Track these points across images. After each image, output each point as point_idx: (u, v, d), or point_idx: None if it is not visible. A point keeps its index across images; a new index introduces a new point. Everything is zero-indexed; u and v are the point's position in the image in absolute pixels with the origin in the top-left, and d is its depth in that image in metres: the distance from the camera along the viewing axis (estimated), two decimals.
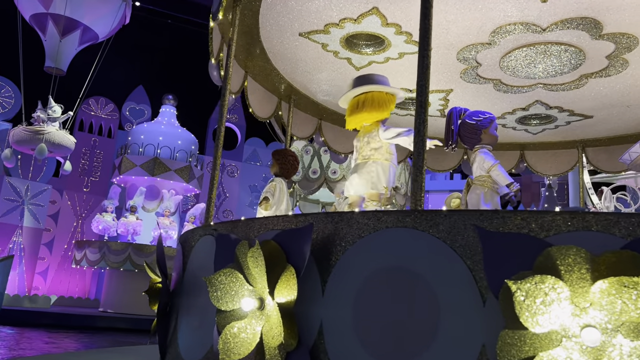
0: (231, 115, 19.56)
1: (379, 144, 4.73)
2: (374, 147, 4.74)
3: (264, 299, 2.58)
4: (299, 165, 5.74)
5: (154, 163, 14.56)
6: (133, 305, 13.58)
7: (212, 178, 4.37)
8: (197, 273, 3.27)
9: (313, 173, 9.21)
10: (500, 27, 4.76)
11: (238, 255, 2.73)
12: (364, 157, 4.78)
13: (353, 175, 4.80)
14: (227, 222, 3.08)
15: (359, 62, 5.62)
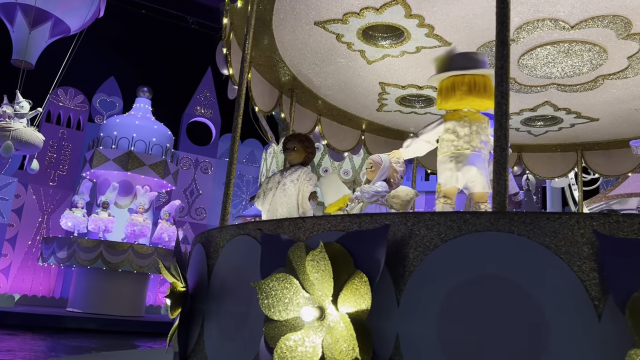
0: (206, 110, 19.10)
1: (486, 138, 4.36)
2: (484, 140, 4.35)
3: (325, 309, 2.31)
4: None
5: (128, 157, 14.01)
6: (104, 305, 13.07)
7: (229, 173, 4.05)
8: (229, 277, 2.97)
9: None
10: (528, 22, 4.59)
11: (291, 259, 2.44)
12: (474, 147, 4.30)
13: (469, 168, 4.25)
14: (270, 221, 2.78)
15: (373, 55, 5.38)
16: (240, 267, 2.88)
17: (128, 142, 14.31)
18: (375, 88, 6.15)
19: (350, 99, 6.51)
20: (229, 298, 2.92)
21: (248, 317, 2.71)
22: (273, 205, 4.55)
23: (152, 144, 14.55)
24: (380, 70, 5.70)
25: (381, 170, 5.04)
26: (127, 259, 12.89)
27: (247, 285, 2.74)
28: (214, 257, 3.20)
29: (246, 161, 19.39)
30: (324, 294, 2.31)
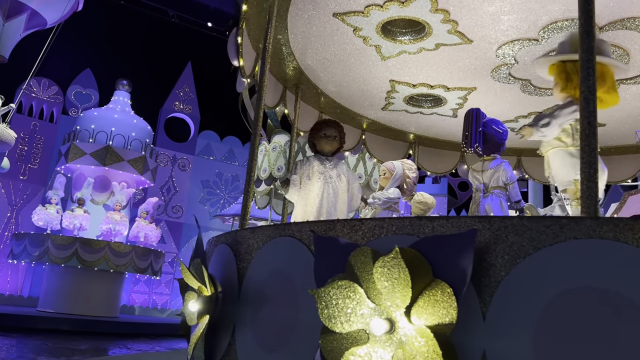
0: (185, 106, 18.63)
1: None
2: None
3: (394, 321, 2.08)
4: None
5: (105, 152, 13.49)
6: (78, 305, 12.54)
7: (249, 169, 3.79)
8: (268, 281, 2.71)
9: None
10: (556, 22, 4.45)
11: (353, 265, 2.21)
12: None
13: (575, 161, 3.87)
14: (321, 221, 2.54)
15: (389, 51, 5.17)
16: (283, 271, 2.63)
17: (106, 136, 13.79)
18: (384, 86, 5.96)
19: (356, 97, 6.30)
20: (269, 304, 2.66)
21: (295, 327, 2.47)
22: (325, 197, 4.26)
23: (131, 139, 14.06)
24: (393, 67, 5.51)
25: (394, 177, 5.04)
26: (104, 257, 12.39)
27: (294, 291, 2.51)
28: (245, 260, 2.94)
29: (225, 159, 19.00)
30: (394, 304, 2.08)
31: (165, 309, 16.99)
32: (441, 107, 6.31)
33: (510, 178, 4.71)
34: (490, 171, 4.70)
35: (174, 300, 17.32)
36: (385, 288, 2.10)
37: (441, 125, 6.90)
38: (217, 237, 3.48)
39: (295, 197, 4.43)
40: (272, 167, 8.85)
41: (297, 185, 4.41)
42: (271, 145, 9.05)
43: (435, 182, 18.82)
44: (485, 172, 4.76)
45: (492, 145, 4.61)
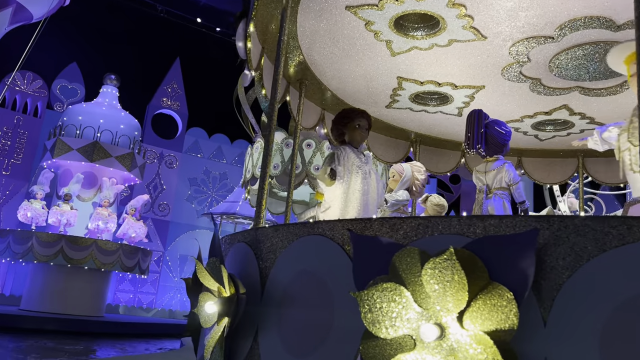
0: (172, 103, 18.35)
1: None
2: None
3: (444, 327, 1.95)
4: None
5: (93, 147, 13.19)
6: (63, 304, 12.23)
7: (264, 165, 3.64)
8: (297, 282, 2.56)
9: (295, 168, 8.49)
10: (575, 19, 4.36)
11: (398, 266, 2.08)
12: None
13: None
14: (356, 220, 2.40)
15: (399, 46, 5.05)
16: (314, 271, 2.48)
17: (94, 131, 13.49)
18: (391, 83, 5.84)
19: (361, 94, 6.17)
20: (298, 307, 2.52)
21: (330, 330, 2.33)
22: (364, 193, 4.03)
23: (119, 135, 13.77)
24: (402, 63, 5.39)
25: (403, 179, 5.06)
26: (91, 255, 12.10)
27: (328, 293, 2.37)
28: (268, 259, 2.79)
29: (213, 157, 18.75)
30: (445, 308, 1.95)
31: (151, 308, 16.70)
32: (447, 106, 6.21)
33: (513, 179, 4.68)
34: (493, 172, 4.66)
35: (160, 300, 17.05)
36: (434, 291, 1.97)
37: (444, 124, 6.81)
38: (233, 235, 3.32)
39: (338, 191, 4.00)
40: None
41: (342, 178, 4.02)
42: None
43: None
44: (489, 173, 4.72)
45: (494, 146, 4.59)
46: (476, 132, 4.59)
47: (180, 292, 17.44)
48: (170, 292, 17.30)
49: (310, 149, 8.56)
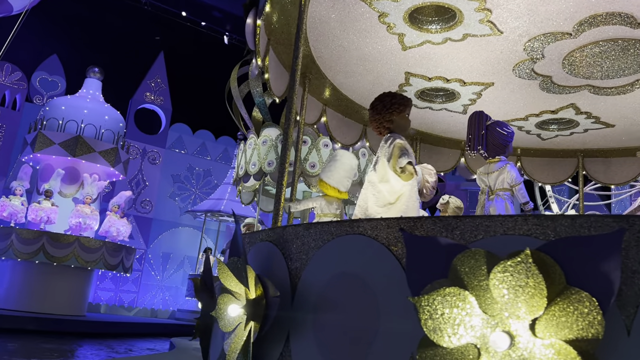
0: (156, 97, 17.99)
1: None
2: None
3: (513, 335, 1.80)
4: None
5: (76, 142, 12.80)
6: (43, 303, 11.84)
7: (282, 159, 3.45)
8: (334, 285, 2.39)
9: (289, 165, 8.28)
10: (595, 15, 4.26)
11: (460, 269, 1.92)
12: None
13: None
14: (403, 218, 2.24)
15: (412, 40, 4.91)
16: (356, 274, 2.31)
17: (77, 125, 13.10)
18: (397, 78, 5.69)
19: (365, 89, 6.01)
20: (336, 311, 2.34)
21: (375, 337, 2.16)
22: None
23: (103, 129, 13.40)
24: (412, 58, 5.25)
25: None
26: (73, 252, 11.73)
27: (372, 297, 2.21)
28: (299, 260, 2.61)
29: (197, 153, 18.44)
30: (514, 315, 1.80)
31: (133, 307, 16.35)
32: (452, 103, 6.10)
33: (515, 179, 4.59)
34: (495, 173, 4.56)
35: (142, 298, 16.71)
36: (503, 297, 1.82)
37: (447, 121, 6.69)
38: (253, 233, 3.13)
39: (406, 187, 3.61)
40: (262, 162, 8.48)
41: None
42: (261, 139, 8.68)
43: None
44: (491, 174, 4.61)
45: (496, 147, 4.50)
46: (477, 134, 4.52)
47: (163, 291, 17.13)
48: (152, 290, 16.96)
49: (306, 145, 8.38)
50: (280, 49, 5.28)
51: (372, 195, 3.61)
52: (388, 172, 3.57)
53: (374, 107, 3.81)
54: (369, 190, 3.65)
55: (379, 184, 3.59)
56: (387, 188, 3.54)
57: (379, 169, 3.66)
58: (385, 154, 3.60)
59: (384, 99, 3.80)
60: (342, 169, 4.68)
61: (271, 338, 2.60)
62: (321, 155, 8.25)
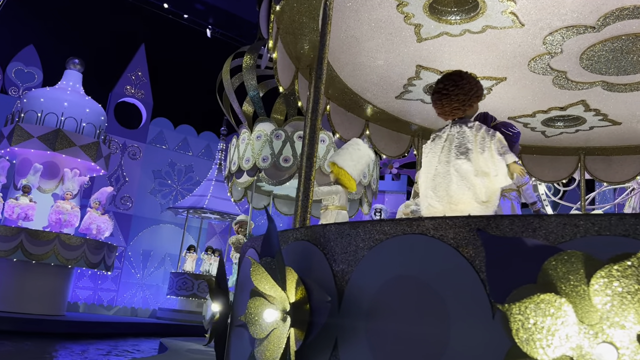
0: (137, 91, 17.54)
1: None
2: None
3: (617, 346, 1.63)
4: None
5: (56, 135, 12.35)
6: (20, 302, 11.40)
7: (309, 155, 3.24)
8: (391, 289, 2.19)
9: (285, 161, 8.07)
10: (623, 8, 4.14)
11: (551, 273, 1.74)
12: None
13: None
14: (475, 217, 2.05)
15: (428, 31, 4.73)
16: (418, 278, 2.11)
17: (56, 118, 12.64)
18: (408, 72, 5.52)
19: (372, 82, 5.83)
20: (395, 319, 2.14)
21: (446, 348, 1.97)
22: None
23: (83, 123, 12.96)
24: (426, 50, 5.08)
25: None
26: (53, 250, 11.31)
27: (440, 304, 2.01)
28: (345, 262, 2.40)
29: (178, 149, 18.04)
30: (619, 325, 1.62)
31: (112, 306, 15.93)
32: None
33: (522, 180, 4.50)
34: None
35: (121, 297, 16.29)
36: (605, 304, 1.64)
37: None
38: (284, 232, 2.91)
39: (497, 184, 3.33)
40: (257, 158, 8.24)
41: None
42: (255, 134, 8.43)
43: (396, 178, 18.65)
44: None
45: None
46: None
47: (143, 289, 16.73)
48: (132, 289, 16.54)
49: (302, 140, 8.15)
50: (288, 38, 5.06)
51: (468, 189, 3.22)
52: (486, 166, 3.25)
53: (460, 85, 3.37)
54: (460, 183, 3.23)
55: (474, 177, 3.22)
56: (485, 183, 3.25)
57: (474, 160, 3.26)
58: (481, 144, 3.26)
59: (470, 80, 3.42)
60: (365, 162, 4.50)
61: (315, 346, 2.39)
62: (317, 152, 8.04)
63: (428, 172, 3.43)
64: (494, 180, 3.25)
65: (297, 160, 8.09)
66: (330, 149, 8.18)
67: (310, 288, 2.41)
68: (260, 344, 2.66)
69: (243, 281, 3.43)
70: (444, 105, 3.41)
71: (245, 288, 3.38)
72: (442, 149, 3.34)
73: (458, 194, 3.22)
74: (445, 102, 3.40)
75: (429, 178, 3.41)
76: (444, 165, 3.30)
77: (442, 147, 3.36)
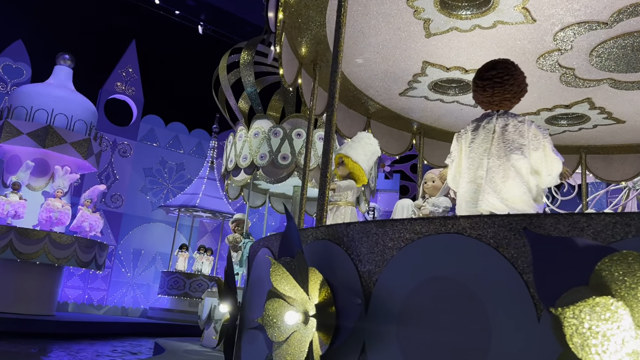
0: (127, 88, 17.30)
1: None
2: None
3: None
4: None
5: (46, 132, 12.12)
6: (9, 302, 11.16)
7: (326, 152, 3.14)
8: (420, 293, 2.09)
9: (283, 159, 7.94)
10: (636, 4, 4.08)
11: (606, 275, 1.65)
12: None
13: None
14: (515, 216, 1.95)
15: (438, 27, 4.64)
16: (455, 279, 2.01)
17: (47, 115, 12.40)
18: (413, 68, 5.43)
19: (377, 78, 5.73)
20: (430, 325, 2.05)
21: (486, 356, 1.87)
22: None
23: (74, 119, 12.73)
24: (434, 46, 4.99)
25: (445, 185, 4.87)
26: (44, 249, 11.09)
27: (477, 307, 1.93)
28: (372, 262, 2.31)
29: (169, 146, 17.83)
30: None
31: (102, 306, 15.72)
32: (466, 95, 5.87)
33: None
34: None
35: (111, 296, 16.07)
36: None
37: (455, 115, 6.48)
38: (302, 231, 2.80)
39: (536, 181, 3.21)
40: (254, 155, 8.10)
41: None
42: (252, 131, 8.29)
43: (389, 177, 18.58)
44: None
45: None
46: None
47: (134, 289, 16.53)
48: (122, 288, 16.33)
49: (300, 138, 8.04)
50: (293, 32, 4.95)
51: (524, 186, 3.04)
52: (538, 165, 3.13)
53: (515, 76, 3.16)
54: (517, 180, 3.05)
55: (529, 175, 3.07)
56: (536, 182, 3.14)
57: (532, 157, 3.11)
58: (534, 141, 3.13)
59: (522, 73, 3.21)
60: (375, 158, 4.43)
61: (341, 351, 2.29)
62: (316, 149, 7.93)
63: (472, 165, 3.21)
64: (545, 180, 3.14)
65: (295, 158, 7.97)
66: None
67: (336, 290, 2.30)
68: (279, 348, 2.55)
69: (255, 282, 3.31)
70: (495, 94, 3.18)
71: (257, 289, 3.27)
72: (492, 141, 3.18)
73: (514, 191, 3.05)
74: (497, 91, 3.16)
75: (475, 171, 3.19)
76: (498, 159, 3.11)
77: (491, 140, 3.16)
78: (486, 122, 3.25)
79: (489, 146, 3.15)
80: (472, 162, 3.23)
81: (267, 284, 3.07)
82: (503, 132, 3.16)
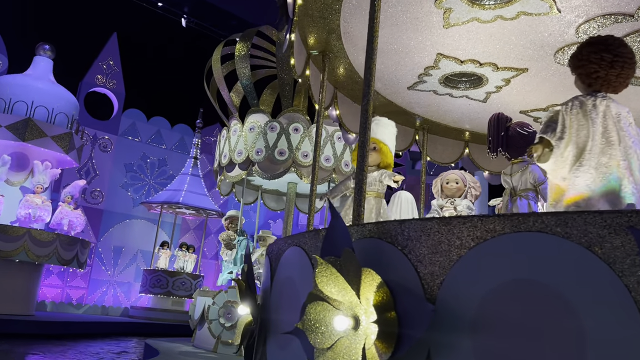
0: (108, 81, 16.84)
1: None
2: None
3: None
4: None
5: (26, 125, 11.66)
6: None
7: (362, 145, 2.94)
8: (499, 299, 1.90)
9: (280, 154, 7.70)
10: None
11: None
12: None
13: None
14: (605, 212, 1.77)
15: (458, 17, 4.47)
16: (541, 283, 1.83)
17: (26, 107, 11.94)
18: (426, 60, 5.26)
19: (387, 71, 5.55)
20: (513, 334, 1.85)
21: None
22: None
23: (55, 112, 12.29)
24: (450, 38, 4.83)
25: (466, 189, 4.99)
26: (23, 246, 10.66)
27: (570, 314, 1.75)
28: (435, 263, 2.12)
29: (151, 141, 17.41)
30: None
31: (82, 305, 15.27)
32: (476, 90, 5.73)
33: (538, 178, 4.45)
34: (518, 174, 4.49)
35: (91, 295, 15.63)
36: None
37: (462, 110, 6.33)
38: (359, 226, 2.58)
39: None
40: (250, 150, 7.86)
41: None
42: (247, 125, 8.05)
43: None
44: (514, 175, 4.52)
45: (518, 148, 4.41)
46: (496, 136, 4.47)
47: (114, 287, 16.10)
48: (102, 286, 15.90)
49: (298, 133, 7.82)
50: (305, 20, 4.73)
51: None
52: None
53: (625, 54, 2.88)
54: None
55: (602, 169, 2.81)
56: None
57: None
58: (637, 130, 2.88)
59: (619, 44, 2.93)
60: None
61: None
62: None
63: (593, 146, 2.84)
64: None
65: (292, 153, 7.75)
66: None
67: (396, 293, 2.10)
68: (323, 355, 2.35)
69: (284, 282, 3.09)
70: (620, 76, 2.90)
71: (287, 290, 3.05)
72: (608, 125, 2.92)
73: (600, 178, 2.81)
74: (622, 73, 2.89)
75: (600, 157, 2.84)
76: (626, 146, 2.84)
77: (606, 124, 2.86)
78: (595, 101, 2.94)
79: (614, 131, 2.88)
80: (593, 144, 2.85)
81: (300, 285, 2.86)
82: (617, 117, 2.95)
